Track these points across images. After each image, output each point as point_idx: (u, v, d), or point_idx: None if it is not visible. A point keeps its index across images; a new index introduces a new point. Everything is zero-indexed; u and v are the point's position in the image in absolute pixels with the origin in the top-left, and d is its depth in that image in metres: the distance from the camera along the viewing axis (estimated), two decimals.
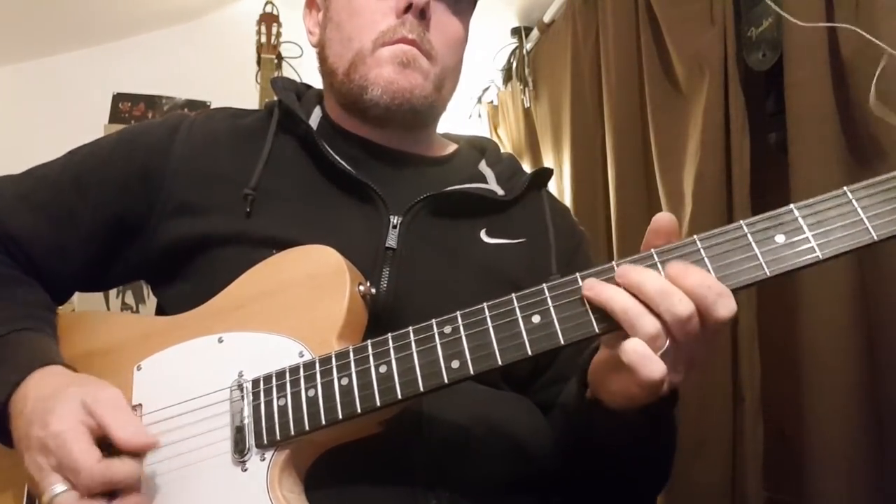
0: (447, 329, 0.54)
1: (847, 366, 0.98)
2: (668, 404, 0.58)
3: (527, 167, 2.22)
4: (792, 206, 0.50)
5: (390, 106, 0.74)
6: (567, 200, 1.86)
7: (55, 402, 0.56)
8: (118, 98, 2.42)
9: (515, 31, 2.31)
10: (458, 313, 0.54)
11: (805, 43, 1.05)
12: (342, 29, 0.77)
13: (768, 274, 0.49)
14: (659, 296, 0.49)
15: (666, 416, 0.61)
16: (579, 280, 0.52)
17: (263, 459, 0.56)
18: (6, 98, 2.30)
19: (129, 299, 2.26)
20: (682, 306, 0.48)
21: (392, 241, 0.70)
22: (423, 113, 0.77)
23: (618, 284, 0.51)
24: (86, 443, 0.54)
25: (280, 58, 2.39)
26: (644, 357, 0.49)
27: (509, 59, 2.39)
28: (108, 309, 2.15)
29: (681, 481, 1.21)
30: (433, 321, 0.55)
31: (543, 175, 0.86)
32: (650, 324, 0.49)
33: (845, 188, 0.49)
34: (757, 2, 1.17)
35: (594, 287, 0.51)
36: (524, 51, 2.26)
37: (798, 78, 1.06)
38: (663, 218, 0.53)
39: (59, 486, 0.54)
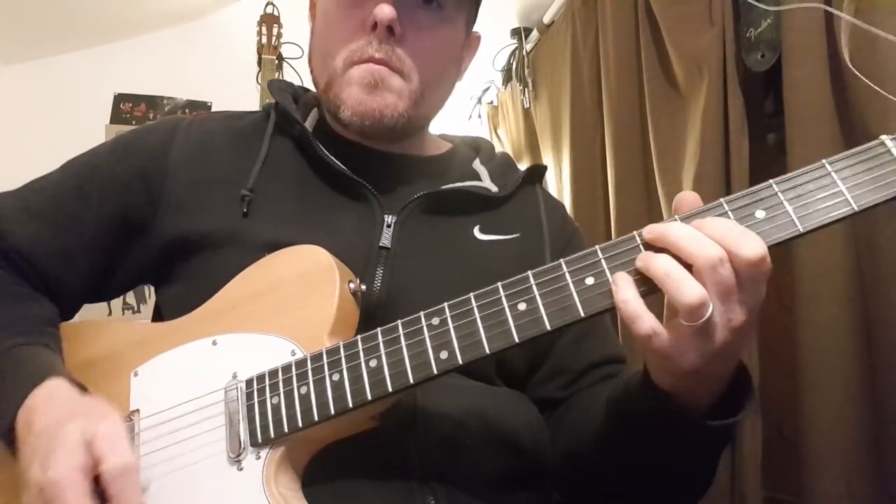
0: (435, 321, 0.54)
1: (846, 366, 0.98)
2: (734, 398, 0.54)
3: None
4: (771, 181, 0.49)
5: (362, 126, 0.73)
6: (567, 200, 1.86)
7: (55, 444, 0.54)
8: (119, 98, 2.42)
9: (515, 32, 2.32)
10: (445, 304, 0.54)
11: (804, 43, 1.05)
12: (320, 42, 0.77)
13: None
14: (686, 239, 0.47)
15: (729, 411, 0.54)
16: (563, 266, 0.52)
17: (259, 458, 0.56)
18: (7, 98, 2.31)
19: (131, 299, 2.26)
20: (712, 249, 0.46)
21: (386, 240, 0.70)
22: (400, 128, 0.75)
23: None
24: (80, 493, 0.52)
25: (281, 59, 2.40)
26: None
27: (509, 60, 2.39)
28: (110, 308, 2.15)
29: None
30: (421, 314, 0.55)
31: (537, 171, 0.86)
32: (693, 289, 0.46)
33: (824, 161, 0.49)
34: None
35: (642, 257, 0.49)
36: (524, 51, 2.26)
37: (797, 78, 1.06)
38: (688, 196, 0.51)
39: None
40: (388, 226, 0.71)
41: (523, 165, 2.32)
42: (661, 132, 1.42)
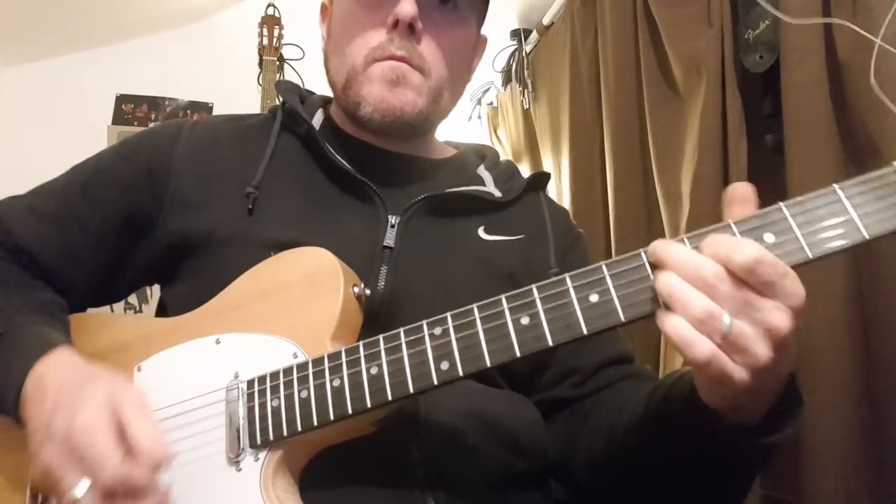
0: (437, 330, 0.54)
1: (845, 365, 0.98)
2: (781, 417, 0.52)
3: (526, 169, 2.23)
4: (781, 204, 0.48)
5: (382, 123, 0.74)
6: (566, 201, 1.87)
7: (82, 395, 0.54)
8: (121, 100, 2.43)
9: (515, 34, 2.32)
10: (448, 314, 0.54)
11: (802, 45, 1.05)
12: (339, 43, 0.77)
13: None
14: (682, 262, 0.46)
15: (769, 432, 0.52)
16: (567, 281, 0.51)
17: (257, 460, 0.57)
18: (10, 99, 2.32)
19: (132, 299, 2.26)
20: (707, 267, 0.45)
21: (390, 240, 0.71)
22: (418, 126, 0.77)
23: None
24: (112, 438, 0.52)
25: (282, 60, 2.40)
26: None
27: (509, 61, 2.39)
28: (112, 308, 2.15)
29: None
30: (423, 322, 0.55)
31: (541, 178, 0.87)
32: (696, 302, 0.45)
33: (835, 186, 0.47)
34: (754, 4, 1.18)
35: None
36: (523, 53, 2.27)
37: (795, 80, 1.06)
38: (739, 187, 0.49)
39: (81, 489, 0.51)
40: (392, 226, 0.71)
41: (523, 165, 2.32)
42: (659, 133, 1.43)
